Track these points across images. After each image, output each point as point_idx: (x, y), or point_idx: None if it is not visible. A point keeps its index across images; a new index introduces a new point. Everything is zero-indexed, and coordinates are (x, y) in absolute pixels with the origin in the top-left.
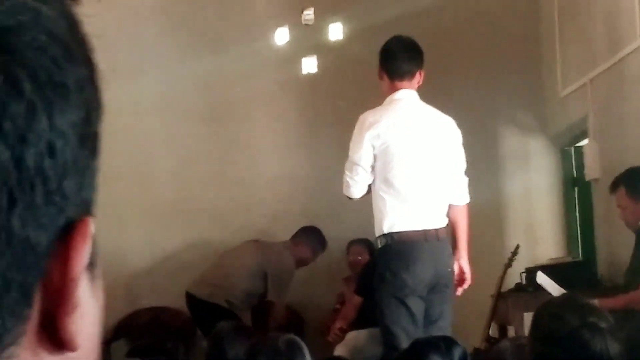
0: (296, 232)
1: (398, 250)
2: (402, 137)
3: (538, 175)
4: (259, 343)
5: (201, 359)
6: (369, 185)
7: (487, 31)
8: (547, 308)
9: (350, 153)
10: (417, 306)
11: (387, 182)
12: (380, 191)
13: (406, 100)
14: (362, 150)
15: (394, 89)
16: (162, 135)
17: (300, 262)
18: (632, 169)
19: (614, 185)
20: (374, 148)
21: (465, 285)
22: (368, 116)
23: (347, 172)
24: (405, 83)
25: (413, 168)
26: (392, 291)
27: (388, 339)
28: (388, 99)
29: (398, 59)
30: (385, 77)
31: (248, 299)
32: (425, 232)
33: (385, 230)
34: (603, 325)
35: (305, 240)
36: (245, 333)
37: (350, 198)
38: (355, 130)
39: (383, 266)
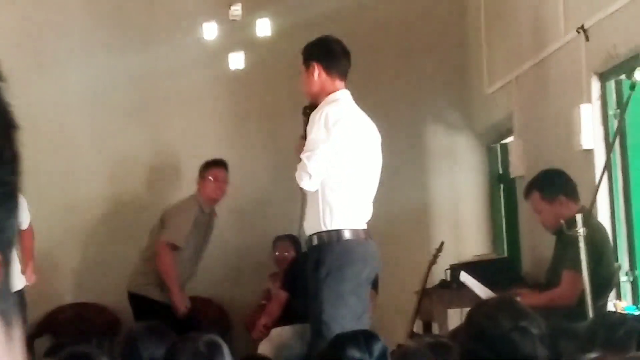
0: None
1: (345, 247)
2: (355, 137)
3: (464, 172)
4: (178, 343)
5: None
6: None
7: (414, 29)
8: (482, 307)
9: (313, 145)
10: (356, 304)
11: (342, 178)
12: (334, 186)
13: (347, 100)
14: (329, 143)
15: (333, 88)
16: (89, 131)
17: (209, 199)
18: (542, 173)
19: (527, 191)
20: (337, 143)
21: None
22: (330, 111)
23: (306, 163)
24: (342, 83)
25: (361, 168)
26: (335, 287)
27: (322, 333)
28: (331, 96)
29: (340, 59)
30: (323, 74)
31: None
32: (365, 231)
33: (333, 227)
34: (534, 330)
35: (198, 176)
36: (160, 333)
37: (303, 189)
38: (319, 125)
39: (328, 262)
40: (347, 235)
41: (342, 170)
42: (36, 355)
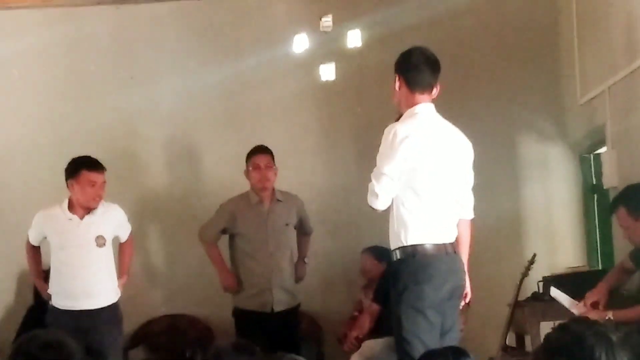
0: None
1: (421, 263)
2: (430, 151)
3: (557, 182)
4: None
5: None
6: None
7: (506, 39)
8: (556, 326)
9: (380, 164)
10: (435, 318)
11: (414, 194)
12: (406, 203)
13: (426, 113)
14: (394, 162)
15: (414, 101)
16: (180, 142)
17: (253, 186)
18: (629, 188)
19: (614, 206)
20: (405, 161)
21: (467, 299)
22: (399, 129)
23: (375, 183)
24: (425, 96)
25: (438, 182)
26: (412, 303)
27: (405, 350)
28: (409, 111)
29: (421, 72)
30: (404, 88)
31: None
32: (445, 246)
33: (408, 242)
34: (610, 334)
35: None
36: (246, 351)
37: (374, 209)
38: (386, 143)
39: (405, 278)
40: (423, 250)
41: (414, 186)
42: None
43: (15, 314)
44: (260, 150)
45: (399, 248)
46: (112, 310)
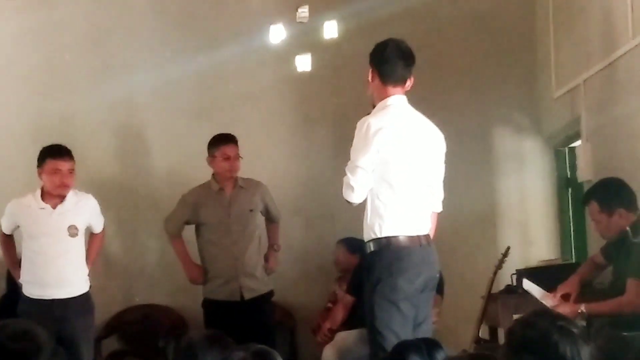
0: None
1: (395, 255)
2: (403, 143)
3: (532, 175)
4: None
5: None
6: None
7: (482, 32)
8: (519, 319)
9: (354, 157)
10: (409, 310)
11: (388, 186)
12: (380, 195)
13: (399, 105)
14: (368, 155)
15: (386, 94)
16: (155, 131)
17: (218, 175)
18: (600, 182)
19: (585, 200)
20: (378, 153)
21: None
22: (372, 122)
23: (350, 176)
24: (398, 89)
25: (411, 174)
26: (386, 294)
27: (378, 342)
28: (381, 103)
29: (394, 65)
30: (377, 80)
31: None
32: (419, 238)
33: (382, 234)
34: (574, 329)
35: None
36: (219, 343)
37: (350, 202)
38: (360, 135)
39: (379, 270)
40: (397, 242)
41: (388, 178)
42: (102, 356)
43: None
44: (230, 139)
45: (372, 240)
46: (83, 300)
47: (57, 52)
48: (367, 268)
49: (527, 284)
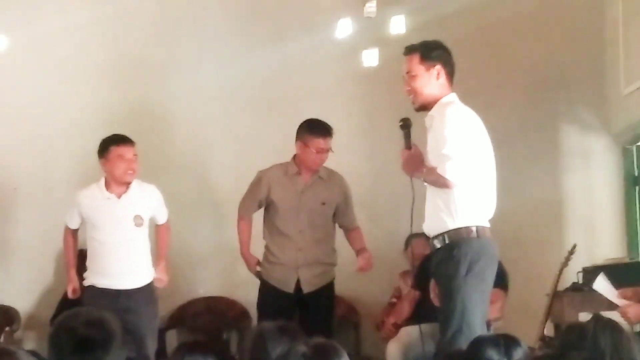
0: None
1: (482, 245)
2: (481, 136)
3: (599, 173)
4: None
5: None
6: None
7: (549, 27)
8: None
9: (453, 148)
10: (488, 303)
11: (479, 176)
12: (464, 185)
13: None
14: (467, 146)
15: (448, 91)
16: (221, 126)
17: (301, 162)
18: None
19: None
20: (471, 142)
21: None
22: (466, 115)
23: (454, 157)
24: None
25: (486, 166)
26: (476, 285)
27: (466, 334)
28: (446, 98)
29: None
30: (443, 77)
31: None
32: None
33: (464, 224)
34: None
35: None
36: (290, 334)
37: (448, 186)
38: (457, 126)
39: (470, 259)
40: (481, 232)
41: (480, 167)
42: (167, 347)
43: (54, 292)
44: (328, 132)
45: (450, 231)
46: (148, 291)
47: (125, 44)
48: (449, 259)
49: (601, 281)
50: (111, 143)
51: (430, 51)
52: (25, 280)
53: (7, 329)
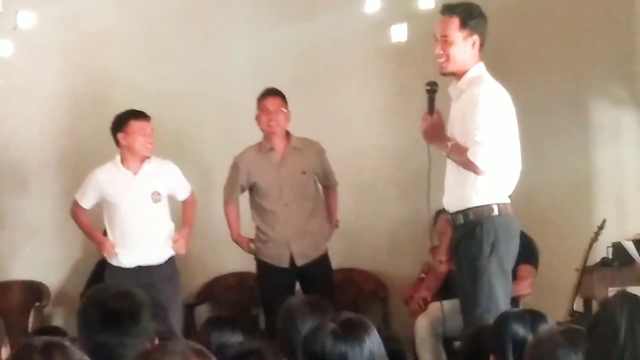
0: None
1: (506, 222)
2: (510, 112)
3: (629, 148)
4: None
5: None
6: None
7: (582, 2)
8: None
9: (487, 136)
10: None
11: (507, 153)
12: (497, 164)
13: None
14: (500, 133)
15: (478, 59)
16: (251, 103)
17: (263, 133)
18: None
19: None
20: (505, 122)
21: None
22: (499, 98)
23: (487, 144)
24: None
25: (511, 143)
26: (500, 263)
27: (493, 312)
28: (477, 69)
29: None
30: (479, 47)
31: None
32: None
33: (487, 201)
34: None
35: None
36: (319, 308)
37: (477, 173)
38: (492, 112)
39: (494, 236)
40: (502, 210)
41: (508, 145)
42: (196, 322)
43: (83, 268)
44: (270, 92)
45: (475, 207)
46: (168, 266)
47: (154, 22)
48: (472, 235)
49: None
50: (131, 117)
51: (471, 18)
52: (54, 256)
53: (36, 304)
